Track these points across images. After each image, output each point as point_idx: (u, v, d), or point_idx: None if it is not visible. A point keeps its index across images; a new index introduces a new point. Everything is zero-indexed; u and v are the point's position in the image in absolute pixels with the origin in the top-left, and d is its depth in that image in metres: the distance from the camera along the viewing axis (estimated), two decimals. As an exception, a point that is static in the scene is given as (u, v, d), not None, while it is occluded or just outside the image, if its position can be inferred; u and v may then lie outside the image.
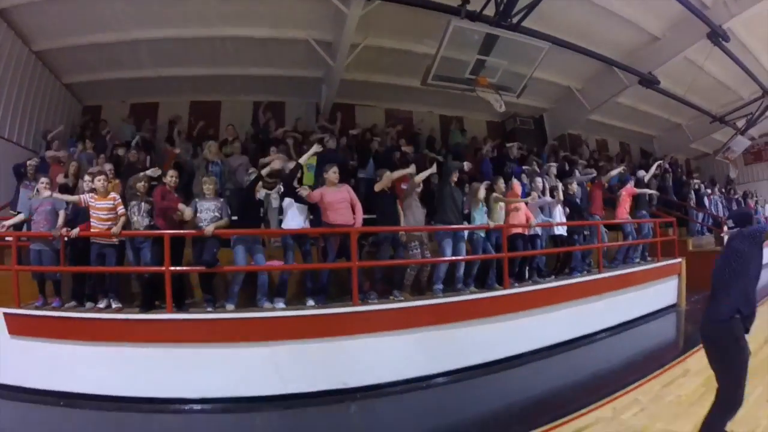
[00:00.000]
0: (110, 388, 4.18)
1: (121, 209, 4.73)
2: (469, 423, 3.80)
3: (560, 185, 6.71)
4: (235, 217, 4.97)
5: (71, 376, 4.25)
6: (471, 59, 6.17)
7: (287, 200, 5.05)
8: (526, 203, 5.97)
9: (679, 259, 8.03)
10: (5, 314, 4.48)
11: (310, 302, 4.80)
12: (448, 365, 4.69)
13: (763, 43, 9.60)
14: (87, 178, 5.30)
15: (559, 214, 6.48)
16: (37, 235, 4.88)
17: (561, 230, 6.43)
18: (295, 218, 5.00)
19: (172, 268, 4.40)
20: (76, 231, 4.68)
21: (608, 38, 9.06)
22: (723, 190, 13.01)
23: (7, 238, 5.25)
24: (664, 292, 7.74)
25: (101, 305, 4.66)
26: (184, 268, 4.78)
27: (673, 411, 3.57)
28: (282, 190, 5.24)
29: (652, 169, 8.75)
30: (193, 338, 4.23)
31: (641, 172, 8.62)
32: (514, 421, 3.74)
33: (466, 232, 5.41)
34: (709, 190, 11.82)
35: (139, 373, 4.20)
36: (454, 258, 5.21)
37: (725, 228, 9.93)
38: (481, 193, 5.52)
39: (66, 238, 4.78)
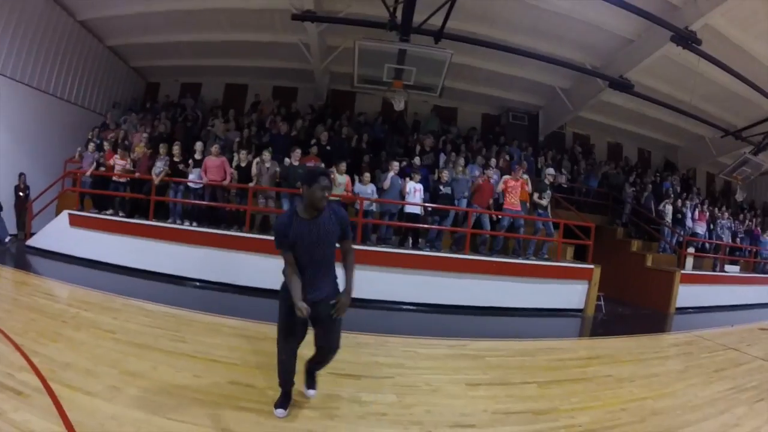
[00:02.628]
0: (116, 259, 8.35)
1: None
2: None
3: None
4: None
5: (98, 250, 8.51)
6: (389, 67, 8.73)
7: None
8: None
9: (591, 266, 9.18)
10: (69, 214, 8.91)
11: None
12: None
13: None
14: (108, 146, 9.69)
15: (418, 198, 8.77)
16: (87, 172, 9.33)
17: (413, 209, 8.72)
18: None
19: (156, 197, 8.56)
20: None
21: (582, 42, 10.68)
22: (722, 211, 13.45)
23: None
24: (565, 294, 9.06)
25: (109, 212, 8.97)
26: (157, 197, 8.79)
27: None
28: None
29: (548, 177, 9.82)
30: (161, 237, 8.26)
31: (550, 170, 10.05)
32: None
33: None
34: (689, 211, 12.34)
35: (133, 253, 8.32)
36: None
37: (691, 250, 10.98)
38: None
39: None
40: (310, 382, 3.66)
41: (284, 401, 3.42)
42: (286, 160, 8.81)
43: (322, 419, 3.39)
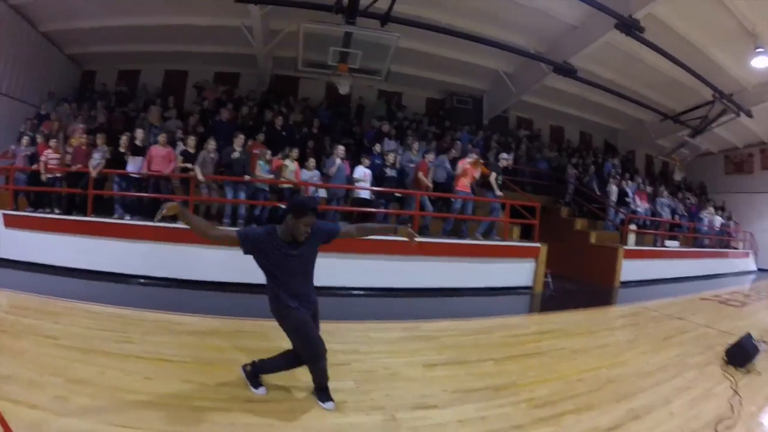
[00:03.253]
0: (57, 260, 7.75)
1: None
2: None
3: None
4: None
5: (36, 252, 7.91)
6: (334, 50, 8.70)
7: None
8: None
9: (537, 244, 9.47)
10: (3, 214, 8.25)
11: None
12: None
13: (713, 37, 10.53)
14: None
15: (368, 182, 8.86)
16: (21, 168, 8.78)
17: (364, 194, 8.85)
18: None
19: (94, 191, 8.06)
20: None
21: (528, 27, 10.92)
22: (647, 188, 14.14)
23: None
24: (514, 272, 9.33)
25: (47, 210, 8.46)
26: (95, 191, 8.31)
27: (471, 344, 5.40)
28: None
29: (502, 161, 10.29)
30: (102, 233, 7.81)
31: (504, 155, 10.47)
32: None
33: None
34: (630, 190, 12.77)
35: (73, 253, 7.78)
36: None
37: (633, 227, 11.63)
38: None
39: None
40: (257, 382, 3.68)
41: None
42: (235, 152, 8.45)
43: (282, 411, 3.37)
